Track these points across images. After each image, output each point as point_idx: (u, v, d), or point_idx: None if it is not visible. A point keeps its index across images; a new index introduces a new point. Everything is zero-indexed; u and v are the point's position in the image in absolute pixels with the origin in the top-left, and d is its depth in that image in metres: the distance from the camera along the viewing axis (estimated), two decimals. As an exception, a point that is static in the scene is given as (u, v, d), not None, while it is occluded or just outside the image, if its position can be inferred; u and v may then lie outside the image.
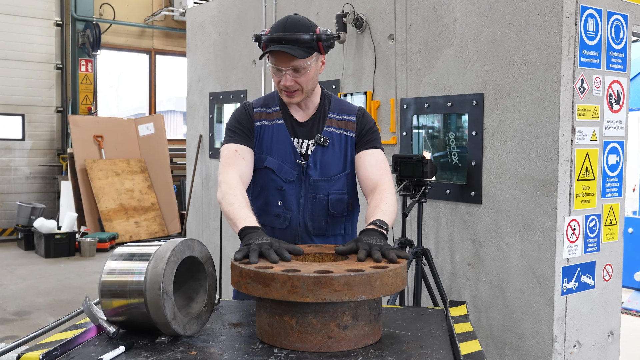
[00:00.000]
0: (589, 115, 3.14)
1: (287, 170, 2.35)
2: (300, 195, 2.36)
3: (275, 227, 2.38)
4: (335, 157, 2.37)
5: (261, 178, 2.38)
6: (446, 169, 3.76)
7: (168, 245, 1.77)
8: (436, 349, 1.72)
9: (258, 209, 2.38)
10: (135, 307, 1.74)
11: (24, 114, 10.64)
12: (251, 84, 5.28)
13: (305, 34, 2.23)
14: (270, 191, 2.37)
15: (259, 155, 2.38)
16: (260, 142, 2.38)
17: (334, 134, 2.38)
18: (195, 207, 6.24)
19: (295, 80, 2.26)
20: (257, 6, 5.16)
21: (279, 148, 2.36)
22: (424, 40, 3.73)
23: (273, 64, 2.26)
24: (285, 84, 2.26)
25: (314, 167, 2.35)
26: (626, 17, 3.28)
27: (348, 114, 2.41)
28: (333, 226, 2.41)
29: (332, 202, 2.37)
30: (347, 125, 2.39)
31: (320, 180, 2.36)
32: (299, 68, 2.24)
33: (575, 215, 3.11)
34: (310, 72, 2.28)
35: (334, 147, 2.37)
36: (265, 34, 2.27)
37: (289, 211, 2.36)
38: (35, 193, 10.77)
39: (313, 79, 2.31)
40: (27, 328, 5.55)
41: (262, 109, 2.42)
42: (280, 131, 2.38)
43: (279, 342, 1.70)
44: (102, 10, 11.26)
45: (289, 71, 2.24)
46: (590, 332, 3.24)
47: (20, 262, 8.56)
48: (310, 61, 2.26)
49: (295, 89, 2.28)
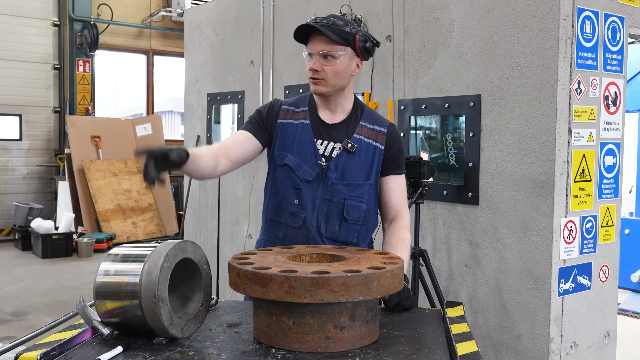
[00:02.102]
0: (586, 117, 3.15)
1: (305, 169, 2.36)
2: (316, 196, 2.36)
3: (289, 225, 2.38)
4: (360, 164, 2.37)
5: (280, 175, 2.39)
6: (443, 170, 3.76)
7: (161, 250, 1.76)
8: (433, 349, 1.73)
9: (274, 205, 2.41)
10: (130, 309, 1.74)
11: (21, 114, 10.62)
12: (249, 85, 5.29)
13: (344, 24, 2.29)
14: (287, 189, 2.38)
15: (279, 152, 2.39)
16: (282, 139, 2.40)
17: (363, 142, 2.39)
18: (193, 207, 6.24)
19: (322, 67, 2.30)
20: (255, 7, 5.17)
21: (300, 147, 2.37)
22: (422, 41, 3.74)
23: (306, 48, 2.33)
24: (312, 67, 2.30)
25: (335, 170, 2.35)
26: (622, 19, 3.30)
27: (379, 125, 2.43)
28: (346, 232, 2.39)
29: (348, 207, 2.36)
30: (377, 136, 2.41)
31: (339, 183, 2.36)
32: (328, 54, 2.28)
33: (572, 216, 3.12)
34: (340, 64, 2.30)
35: (360, 155, 2.37)
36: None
37: (304, 211, 2.36)
38: (32, 193, 10.76)
39: (341, 73, 2.33)
40: (24, 328, 5.54)
41: (290, 108, 2.44)
42: (304, 131, 2.39)
43: (276, 343, 1.71)
44: (100, 10, 11.25)
45: (319, 57, 2.29)
46: (586, 333, 3.25)
47: (18, 262, 8.55)
48: (341, 52, 2.29)
49: (321, 77, 2.31)
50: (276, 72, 4.97)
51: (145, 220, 10.00)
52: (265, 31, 5.07)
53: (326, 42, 2.27)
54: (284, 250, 2.04)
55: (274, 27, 4.98)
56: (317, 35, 2.29)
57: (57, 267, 8.24)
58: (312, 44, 2.30)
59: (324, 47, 2.28)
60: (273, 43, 4.99)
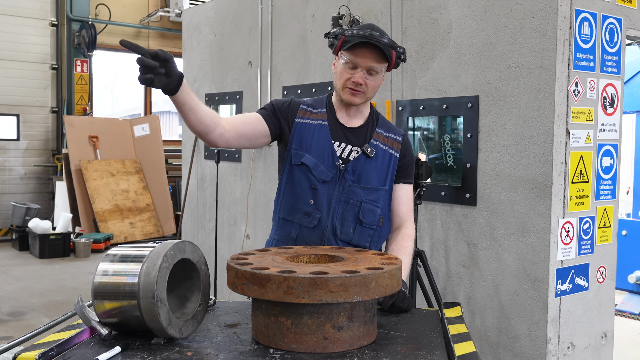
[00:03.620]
0: (583, 118, 3.16)
1: (322, 170, 2.37)
2: (332, 197, 2.37)
3: (303, 225, 2.39)
4: (377, 169, 2.40)
5: (296, 174, 2.40)
6: (441, 171, 3.77)
7: (159, 250, 1.76)
8: (431, 350, 1.73)
9: (289, 205, 2.41)
10: (128, 309, 1.74)
11: (19, 114, 10.61)
12: (247, 86, 5.29)
13: (389, 40, 2.31)
14: (303, 189, 2.38)
15: (296, 152, 2.40)
16: (299, 139, 2.40)
17: (380, 148, 2.42)
18: (191, 208, 6.24)
19: (365, 81, 2.32)
20: (254, 7, 5.17)
21: (318, 148, 2.38)
22: (420, 42, 3.74)
23: (351, 59, 2.31)
24: (357, 80, 2.31)
25: (352, 172, 2.37)
26: (620, 21, 3.30)
27: (394, 134, 2.48)
28: (361, 235, 2.41)
29: (364, 210, 2.38)
30: (393, 144, 2.45)
31: (356, 186, 2.37)
32: (373, 70, 2.32)
33: (569, 217, 3.13)
34: (381, 79, 2.37)
35: (377, 160, 2.40)
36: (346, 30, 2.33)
37: (319, 211, 2.37)
38: (30, 193, 10.75)
39: (376, 88, 2.39)
40: (21, 329, 5.54)
41: (308, 108, 2.45)
42: (322, 132, 2.40)
43: (274, 343, 1.71)
44: (98, 10, 11.25)
45: (364, 71, 2.31)
46: (584, 334, 3.26)
47: (15, 262, 8.54)
48: (384, 67, 2.34)
49: (362, 90, 2.34)
50: (274, 72, 4.98)
51: (142, 220, 9.99)
52: (263, 32, 5.07)
53: (376, 59, 2.30)
54: (282, 250, 2.04)
55: (272, 27, 4.99)
56: (368, 49, 2.29)
57: (54, 268, 8.23)
58: (361, 57, 2.30)
59: (374, 63, 2.30)
60: (271, 43, 4.99)
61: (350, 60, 2.31)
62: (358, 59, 2.30)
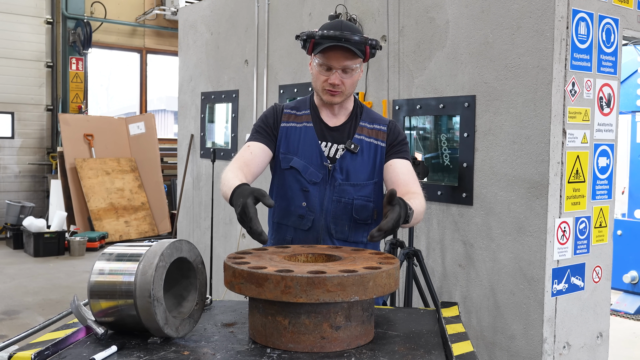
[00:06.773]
0: (580, 118, 3.17)
1: (312, 171, 2.37)
2: (324, 198, 2.37)
3: (297, 228, 2.39)
4: (364, 164, 2.39)
5: (286, 178, 2.40)
6: (437, 170, 3.77)
7: (156, 249, 1.75)
8: (429, 349, 1.73)
9: (282, 209, 2.41)
10: (124, 308, 1.73)
11: (13, 112, 10.57)
12: (243, 84, 5.28)
13: (359, 37, 2.29)
14: (295, 192, 2.38)
15: (284, 156, 2.40)
16: (286, 143, 2.41)
17: (364, 142, 2.41)
18: (186, 206, 6.23)
19: (342, 80, 2.32)
20: (250, 6, 5.16)
21: (306, 150, 2.39)
22: (417, 42, 3.74)
23: (324, 61, 2.30)
24: (333, 82, 2.31)
25: (340, 171, 2.37)
26: (617, 21, 3.31)
27: (379, 124, 2.45)
28: (356, 232, 2.40)
29: (357, 207, 2.38)
30: (378, 135, 2.43)
31: (345, 184, 2.37)
32: (348, 69, 2.31)
33: (565, 217, 3.13)
34: (357, 75, 2.36)
35: (363, 155, 2.39)
36: (315, 32, 2.31)
37: (312, 213, 2.37)
38: (24, 192, 10.71)
39: (355, 83, 2.38)
40: (16, 327, 5.52)
41: (292, 112, 2.46)
42: (308, 134, 2.41)
43: (271, 343, 1.71)
44: (94, 8, 11.21)
45: (339, 71, 2.30)
46: (579, 334, 3.26)
47: (9, 261, 8.51)
48: (358, 64, 2.34)
49: (340, 90, 2.33)
50: (270, 71, 4.97)
51: (138, 219, 9.96)
52: (259, 30, 5.06)
53: (349, 58, 2.30)
54: (280, 250, 2.04)
55: (268, 26, 4.98)
56: (340, 49, 2.28)
57: (49, 266, 8.20)
58: (335, 59, 2.29)
59: (347, 62, 2.30)
60: (267, 42, 4.98)
61: (324, 63, 2.31)
62: (332, 62, 2.30)
